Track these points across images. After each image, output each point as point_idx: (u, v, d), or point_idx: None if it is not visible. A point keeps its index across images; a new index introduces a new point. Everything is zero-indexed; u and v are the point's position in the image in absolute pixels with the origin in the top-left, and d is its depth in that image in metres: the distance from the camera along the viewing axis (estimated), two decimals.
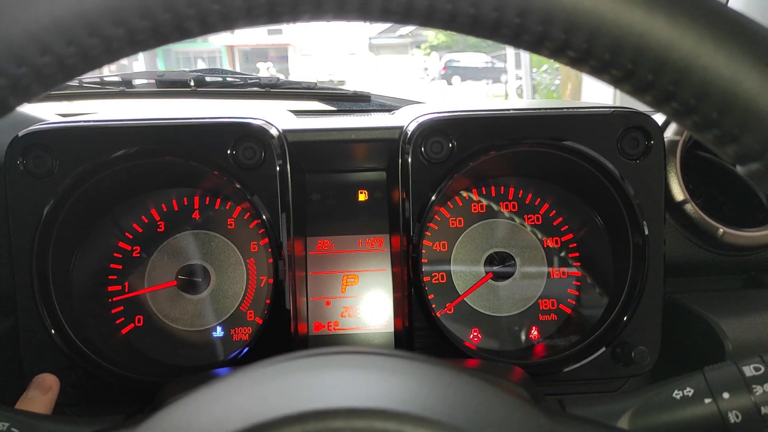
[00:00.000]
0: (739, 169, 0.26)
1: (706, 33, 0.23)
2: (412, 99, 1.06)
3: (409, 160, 0.57)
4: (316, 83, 1.01)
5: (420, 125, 0.57)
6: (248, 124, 0.56)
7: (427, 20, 0.24)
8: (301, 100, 0.99)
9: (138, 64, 22.05)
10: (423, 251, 0.62)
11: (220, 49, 26.69)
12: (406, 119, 0.62)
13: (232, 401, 0.29)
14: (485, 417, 0.26)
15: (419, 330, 0.60)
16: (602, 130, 0.57)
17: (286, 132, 0.59)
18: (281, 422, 0.25)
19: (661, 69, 0.23)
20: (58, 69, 0.23)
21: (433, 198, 0.58)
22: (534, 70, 6.98)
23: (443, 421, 0.24)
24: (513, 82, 7.52)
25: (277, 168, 0.57)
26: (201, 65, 26.43)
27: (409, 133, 0.57)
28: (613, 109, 0.58)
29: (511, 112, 0.59)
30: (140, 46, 0.24)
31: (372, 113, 0.98)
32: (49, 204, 0.55)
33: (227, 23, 0.24)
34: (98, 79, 1.00)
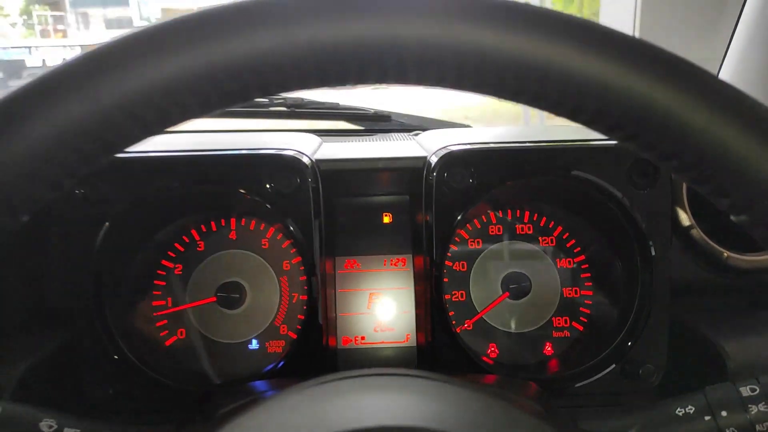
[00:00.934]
0: (732, 217, 0.30)
1: (702, 105, 0.27)
2: (429, 118, 1.11)
3: (433, 187, 0.61)
4: (338, 103, 1.06)
5: (443, 157, 0.61)
6: (284, 156, 0.61)
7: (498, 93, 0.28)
8: (324, 120, 1.05)
9: None
10: (444, 271, 0.66)
11: None
12: (429, 149, 0.67)
13: (292, 417, 0.33)
14: None
15: (440, 345, 0.65)
16: (613, 162, 0.61)
17: (318, 161, 0.64)
18: None
19: (663, 134, 0.27)
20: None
21: (455, 223, 0.62)
22: None
23: None
24: None
25: (311, 194, 0.62)
26: None
27: (433, 163, 0.62)
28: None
29: (527, 144, 0.63)
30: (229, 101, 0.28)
31: (393, 132, 1.03)
32: (104, 228, 0.60)
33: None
34: None
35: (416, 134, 0.97)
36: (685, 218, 0.66)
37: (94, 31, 23.80)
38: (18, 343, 0.58)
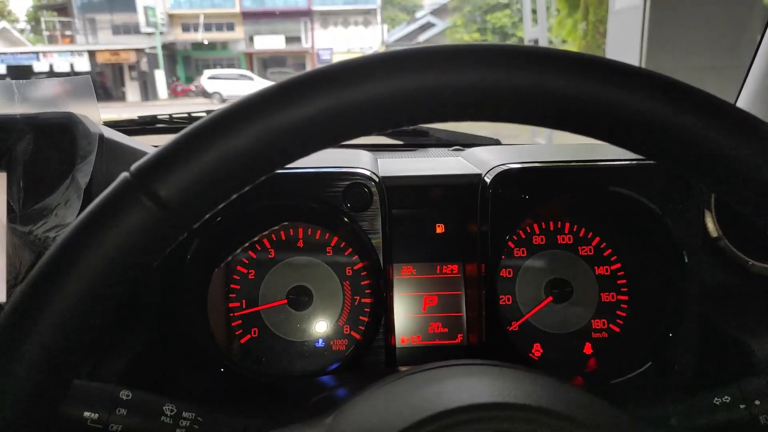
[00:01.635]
0: None
1: (748, 140, 0.34)
2: (461, 132, 1.18)
3: (489, 202, 0.68)
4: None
5: (498, 175, 0.68)
6: (359, 173, 0.69)
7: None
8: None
9: (159, 72, 22.26)
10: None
11: (239, 56, 26.95)
12: (481, 165, 0.74)
13: (408, 398, 0.39)
14: (595, 412, 0.37)
15: (491, 345, 0.71)
16: (649, 179, 0.68)
17: (384, 178, 0.71)
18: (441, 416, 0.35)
19: (713, 164, 0.34)
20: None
21: (508, 234, 0.69)
22: None
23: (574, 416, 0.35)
24: None
25: (379, 208, 0.69)
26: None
27: (489, 180, 0.69)
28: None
29: (572, 164, 0.70)
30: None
31: (431, 147, 1.10)
32: (195, 241, 0.67)
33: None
34: (185, 115, 1.13)
35: (457, 149, 1.04)
36: (713, 229, 0.73)
37: (102, 37, 23.94)
38: (116, 341, 0.65)
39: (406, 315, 0.76)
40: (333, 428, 0.39)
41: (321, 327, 0.75)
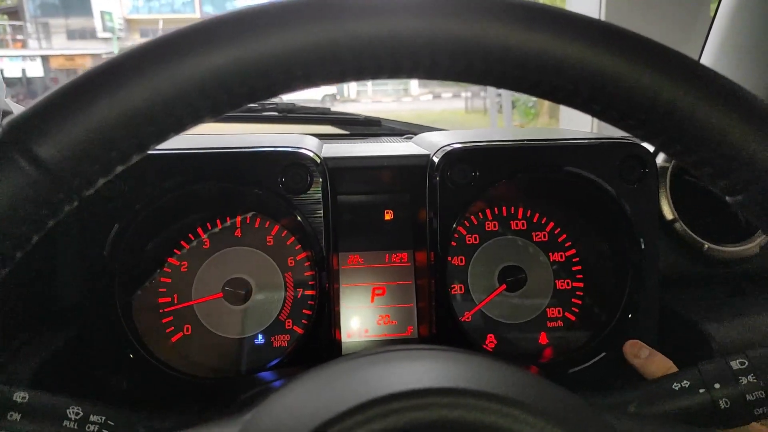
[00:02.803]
0: (727, 198, 0.33)
1: (705, 94, 0.30)
2: (416, 124, 1.14)
3: (437, 185, 0.64)
4: (329, 108, 1.08)
5: (446, 155, 0.64)
6: (298, 153, 0.63)
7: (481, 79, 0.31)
8: (315, 125, 1.07)
9: None
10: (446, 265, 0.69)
11: None
12: (431, 147, 0.70)
13: (332, 388, 0.35)
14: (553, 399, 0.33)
15: (443, 336, 0.67)
16: (604, 159, 0.66)
17: (326, 159, 0.66)
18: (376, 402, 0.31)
19: (669, 121, 0.30)
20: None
21: (457, 219, 0.65)
22: None
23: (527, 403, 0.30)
24: (492, 98, 7.69)
25: (321, 192, 0.64)
26: None
27: (436, 161, 0.65)
28: (613, 140, 0.66)
29: (525, 142, 0.67)
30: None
31: (383, 137, 1.06)
32: (114, 227, 0.61)
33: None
34: None
35: (408, 137, 1.01)
36: (668, 212, 0.71)
37: (56, 42, 23.27)
38: (30, 339, 0.58)
39: (352, 307, 0.71)
40: (248, 426, 0.34)
41: (260, 322, 0.69)
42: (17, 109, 0.65)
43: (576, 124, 2.33)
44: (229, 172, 0.64)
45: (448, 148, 0.65)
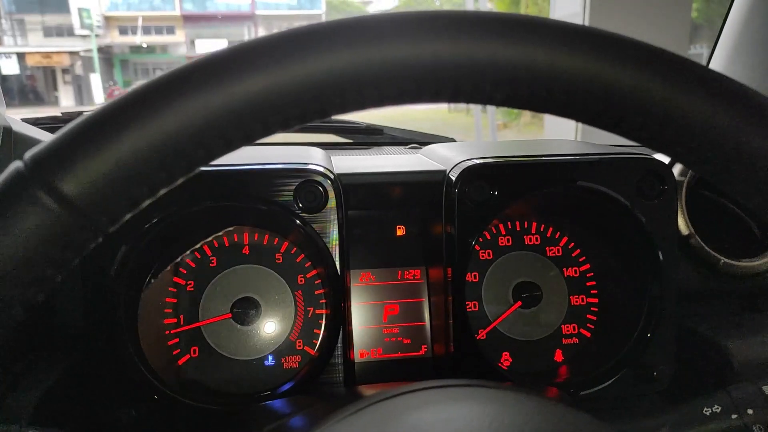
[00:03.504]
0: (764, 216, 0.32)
1: (728, 110, 0.29)
2: (417, 131, 1.12)
3: (455, 201, 0.62)
4: (331, 117, 1.06)
5: (464, 171, 0.63)
6: (311, 170, 0.61)
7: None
8: (317, 133, 1.04)
9: (95, 76, 21.43)
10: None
11: (179, 60, 26.28)
12: (444, 162, 0.68)
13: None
14: None
15: (459, 355, 0.65)
16: (623, 175, 0.64)
17: (339, 176, 0.64)
18: None
19: (716, 149, 0.29)
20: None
21: (475, 235, 0.64)
22: None
23: None
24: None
25: (335, 209, 0.62)
26: None
27: (454, 177, 0.63)
28: (631, 156, 0.65)
29: (543, 158, 0.65)
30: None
31: (385, 146, 1.04)
32: (122, 247, 0.58)
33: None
34: None
35: (414, 148, 0.99)
36: (684, 227, 0.70)
37: (32, 39, 22.82)
38: (30, 368, 0.55)
39: (364, 326, 0.69)
40: None
41: (270, 342, 0.67)
42: (15, 124, 0.61)
43: (559, 126, 2.34)
44: (238, 190, 0.61)
45: (466, 165, 0.63)
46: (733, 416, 0.48)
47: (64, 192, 0.26)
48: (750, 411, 0.47)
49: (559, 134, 2.30)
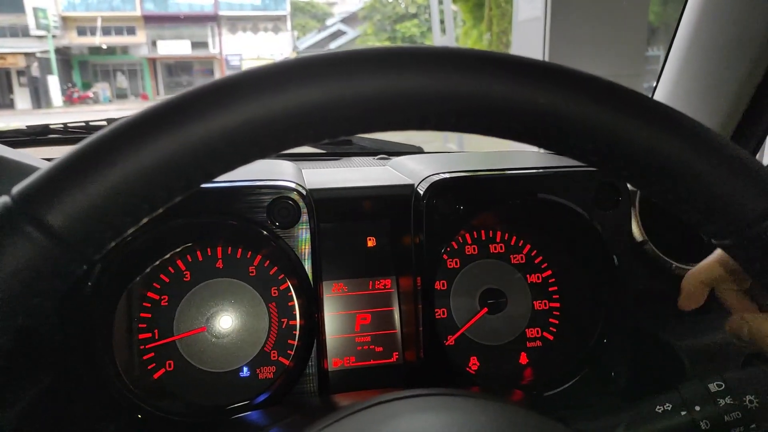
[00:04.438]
0: (713, 242, 0.36)
1: (698, 152, 0.32)
2: (385, 140, 1.15)
3: (423, 213, 0.65)
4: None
5: (432, 186, 0.65)
6: (284, 186, 0.63)
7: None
8: None
9: (53, 78, 20.78)
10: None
11: (141, 61, 25.73)
12: (412, 176, 0.71)
13: None
14: None
15: (429, 361, 0.68)
16: (581, 187, 0.68)
17: (311, 191, 0.66)
18: None
19: (662, 175, 0.32)
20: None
21: (443, 246, 0.67)
22: None
23: None
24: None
25: (307, 224, 0.64)
26: (121, 78, 25.36)
27: (422, 191, 0.66)
28: (588, 169, 0.69)
29: (508, 172, 0.69)
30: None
31: (355, 156, 1.06)
32: (98, 265, 0.59)
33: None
34: (83, 124, 1.02)
35: (382, 158, 1.01)
36: (638, 234, 0.74)
37: None
38: (10, 386, 0.56)
39: (337, 336, 0.71)
40: None
41: (245, 354, 0.68)
42: None
43: None
44: (212, 207, 0.63)
45: (433, 179, 0.66)
46: (683, 413, 0.51)
47: (52, 226, 0.28)
48: (697, 408, 0.51)
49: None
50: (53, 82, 20.42)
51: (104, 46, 25.11)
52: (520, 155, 0.87)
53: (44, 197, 0.28)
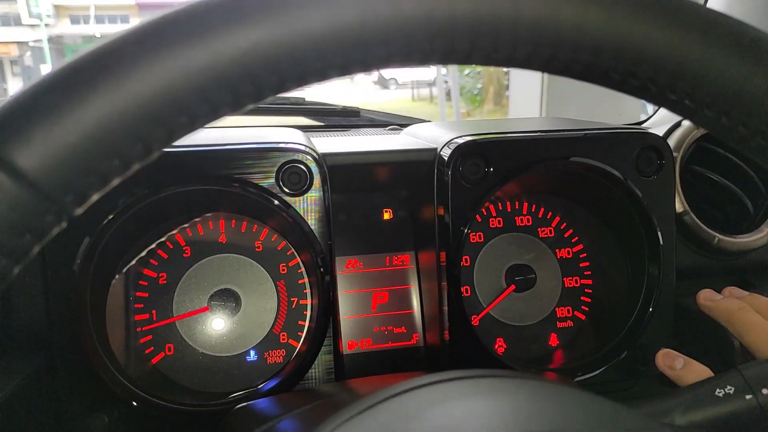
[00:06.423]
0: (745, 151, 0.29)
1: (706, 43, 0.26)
2: (394, 113, 1.08)
3: (449, 181, 0.59)
4: (304, 98, 1.01)
5: (458, 148, 0.59)
6: (295, 149, 0.57)
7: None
8: (289, 116, 0.99)
9: (46, 67, 20.62)
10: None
11: None
12: (433, 140, 0.64)
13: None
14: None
15: (453, 342, 0.62)
16: (620, 150, 0.62)
17: (324, 155, 0.59)
18: None
19: (698, 87, 0.26)
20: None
21: (471, 216, 0.60)
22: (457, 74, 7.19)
23: None
24: (441, 85, 7.69)
25: (320, 191, 0.58)
26: None
27: (446, 155, 0.59)
28: (628, 131, 0.63)
29: (541, 134, 0.62)
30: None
31: (363, 128, 0.99)
32: (86, 239, 0.53)
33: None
34: None
35: (393, 129, 0.95)
36: (678, 204, 0.68)
37: None
38: None
39: (352, 316, 0.65)
40: None
41: (252, 336, 0.62)
42: None
43: (525, 110, 2.31)
44: (213, 173, 0.56)
45: (460, 141, 0.60)
46: (748, 396, 0.46)
47: (20, 167, 0.21)
48: (765, 391, 0.45)
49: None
50: (46, 72, 20.22)
51: (98, 35, 24.83)
52: (545, 120, 0.80)
53: (9, 131, 0.22)
